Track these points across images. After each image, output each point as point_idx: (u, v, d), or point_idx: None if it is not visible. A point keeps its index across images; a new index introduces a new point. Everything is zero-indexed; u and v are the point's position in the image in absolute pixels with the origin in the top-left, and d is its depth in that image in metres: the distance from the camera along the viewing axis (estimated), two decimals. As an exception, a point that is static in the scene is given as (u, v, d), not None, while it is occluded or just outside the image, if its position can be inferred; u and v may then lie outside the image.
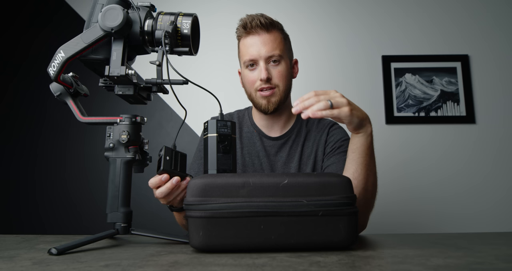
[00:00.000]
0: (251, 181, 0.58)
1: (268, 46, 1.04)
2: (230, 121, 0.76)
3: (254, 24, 1.04)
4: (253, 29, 1.05)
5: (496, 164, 1.85)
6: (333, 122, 1.15)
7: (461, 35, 1.96)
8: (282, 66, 1.06)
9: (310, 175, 0.61)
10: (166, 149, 0.71)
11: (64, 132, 1.92)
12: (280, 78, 1.05)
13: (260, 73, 1.04)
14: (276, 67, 1.05)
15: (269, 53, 1.03)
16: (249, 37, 1.06)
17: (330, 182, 0.59)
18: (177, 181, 0.71)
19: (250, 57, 1.05)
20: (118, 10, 0.64)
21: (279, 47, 1.05)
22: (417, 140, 1.88)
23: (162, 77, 0.69)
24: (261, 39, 1.04)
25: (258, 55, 1.04)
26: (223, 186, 0.58)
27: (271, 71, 1.05)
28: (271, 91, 1.05)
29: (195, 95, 1.44)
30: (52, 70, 0.66)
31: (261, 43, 1.04)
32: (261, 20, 1.03)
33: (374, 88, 1.93)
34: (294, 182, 0.58)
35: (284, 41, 1.08)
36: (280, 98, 1.06)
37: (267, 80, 1.04)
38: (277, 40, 1.05)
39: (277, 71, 1.05)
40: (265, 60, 1.04)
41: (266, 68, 1.04)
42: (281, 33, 1.09)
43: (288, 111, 1.15)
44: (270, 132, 1.14)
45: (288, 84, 1.09)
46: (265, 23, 1.04)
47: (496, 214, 1.79)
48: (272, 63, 1.05)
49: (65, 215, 1.84)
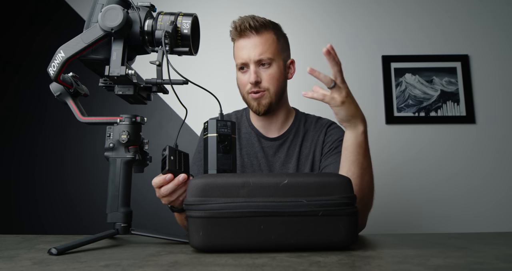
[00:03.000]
0: (251, 181, 0.58)
1: (258, 49, 1.03)
2: (230, 121, 0.76)
3: (243, 27, 1.04)
4: (243, 32, 1.05)
5: (496, 164, 1.85)
6: (331, 122, 1.15)
7: (461, 35, 1.96)
8: (273, 69, 1.05)
9: (310, 175, 0.61)
10: (170, 148, 0.71)
11: (64, 132, 1.92)
12: (270, 81, 1.05)
13: (250, 76, 1.04)
14: (266, 70, 1.05)
15: (258, 57, 1.03)
16: (241, 40, 1.06)
17: (330, 182, 0.59)
18: (184, 178, 0.71)
19: (241, 61, 1.06)
20: (118, 10, 0.64)
21: (270, 50, 1.04)
22: (417, 140, 1.88)
23: (162, 77, 0.69)
24: (251, 42, 1.04)
25: (248, 58, 1.04)
26: (223, 186, 0.58)
27: (260, 75, 1.05)
28: (260, 94, 1.05)
29: (195, 95, 1.44)
30: (52, 70, 0.66)
31: (251, 46, 1.04)
32: (251, 23, 1.03)
33: (374, 88, 1.93)
34: (294, 182, 0.58)
35: (277, 42, 1.07)
36: (270, 100, 1.06)
37: (255, 83, 1.04)
38: (268, 42, 1.05)
39: (267, 74, 1.05)
40: (254, 63, 1.04)
41: (255, 71, 1.04)
42: (275, 34, 1.07)
43: (285, 112, 1.14)
44: (268, 133, 1.14)
45: (280, 86, 1.08)
46: (255, 25, 1.03)
47: (496, 214, 1.79)
48: (262, 66, 1.05)
49: (65, 215, 1.84)
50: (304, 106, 1.24)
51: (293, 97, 1.20)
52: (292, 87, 1.17)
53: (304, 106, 1.24)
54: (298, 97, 1.37)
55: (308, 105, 1.25)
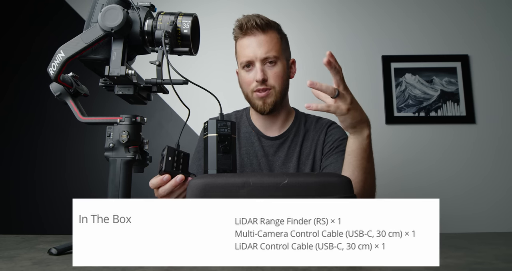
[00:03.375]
0: (251, 181, 0.58)
1: (264, 47, 1.04)
2: (230, 121, 0.76)
3: (249, 25, 1.04)
4: (249, 30, 1.05)
5: (496, 164, 1.85)
6: (331, 122, 1.15)
7: (461, 35, 1.96)
8: (278, 67, 1.06)
9: (310, 175, 0.61)
10: (169, 149, 0.71)
11: (64, 132, 1.92)
12: (276, 79, 1.05)
13: (256, 74, 1.04)
14: (272, 68, 1.05)
15: (265, 55, 1.04)
16: (245, 38, 1.06)
17: (330, 182, 0.59)
18: (181, 179, 0.71)
19: (247, 58, 1.05)
20: (118, 10, 0.64)
21: (275, 48, 1.05)
22: (417, 140, 1.88)
23: (162, 77, 0.69)
24: (257, 40, 1.04)
25: (254, 56, 1.04)
26: (223, 186, 0.58)
27: (267, 72, 1.05)
28: (266, 92, 1.05)
29: (195, 95, 1.43)
30: (52, 70, 0.66)
31: (257, 44, 1.04)
32: (257, 21, 1.04)
33: (374, 88, 1.93)
34: (294, 182, 0.58)
35: (280, 41, 1.08)
36: (276, 99, 1.07)
37: (262, 81, 1.04)
38: (273, 41, 1.05)
39: (273, 72, 1.05)
40: (261, 61, 1.04)
41: (262, 69, 1.04)
42: (278, 33, 1.08)
43: (286, 111, 1.15)
44: (268, 132, 1.14)
45: (285, 85, 1.09)
46: (261, 24, 1.04)
47: (496, 214, 1.79)
48: (268, 64, 1.05)
49: (65, 215, 1.83)
50: (303, 107, 1.25)
51: (292, 97, 1.20)
52: (291, 87, 1.17)
53: (303, 107, 1.25)
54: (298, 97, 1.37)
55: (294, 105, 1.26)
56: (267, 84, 1.05)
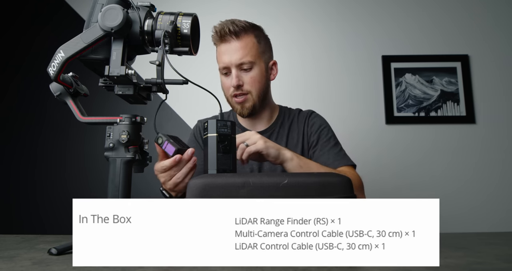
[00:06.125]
0: (251, 181, 0.58)
1: (239, 53, 1.06)
2: (230, 121, 0.76)
3: (223, 32, 1.06)
4: (223, 37, 1.07)
5: (496, 164, 1.85)
6: (311, 112, 1.20)
7: (461, 35, 1.96)
8: (255, 72, 1.08)
9: (310, 175, 0.61)
10: (164, 135, 0.75)
11: (64, 132, 1.92)
12: (252, 83, 1.08)
13: (232, 80, 1.06)
14: (248, 73, 1.07)
15: (239, 61, 1.06)
16: (222, 45, 1.08)
17: (330, 182, 0.59)
18: (192, 151, 0.76)
19: (223, 65, 1.08)
20: (118, 10, 0.64)
21: (250, 53, 1.06)
22: (417, 140, 1.88)
23: (162, 77, 0.69)
24: (232, 46, 1.06)
25: (230, 63, 1.06)
26: (223, 186, 0.58)
27: (242, 78, 1.07)
28: (244, 98, 1.08)
29: (195, 95, 1.44)
30: (52, 70, 0.66)
31: (232, 51, 1.06)
32: (230, 28, 1.05)
33: (374, 88, 1.93)
34: (294, 182, 0.58)
35: (257, 45, 1.09)
36: (253, 103, 1.09)
37: (238, 87, 1.07)
38: (248, 46, 1.07)
39: (248, 77, 1.07)
40: (236, 67, 1.06)
41: (237, 75, 1.06)
42: (255, 37, 1.09)
43: (269, 110, 1.18)
44: (254, 129, 1.18)
45: (262, 88, 1.11)
46: (235, 30, 1.06)
47: (496, 214, 1.79)
48: (243, 70, 1.07)
49: (65, 215, 1.83)
50: (290, 105, 1.27)
51: (291, 97, 1.21)
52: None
53: (290, 105, 1.28)
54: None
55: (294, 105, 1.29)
56: (243, 89, 1.08)
